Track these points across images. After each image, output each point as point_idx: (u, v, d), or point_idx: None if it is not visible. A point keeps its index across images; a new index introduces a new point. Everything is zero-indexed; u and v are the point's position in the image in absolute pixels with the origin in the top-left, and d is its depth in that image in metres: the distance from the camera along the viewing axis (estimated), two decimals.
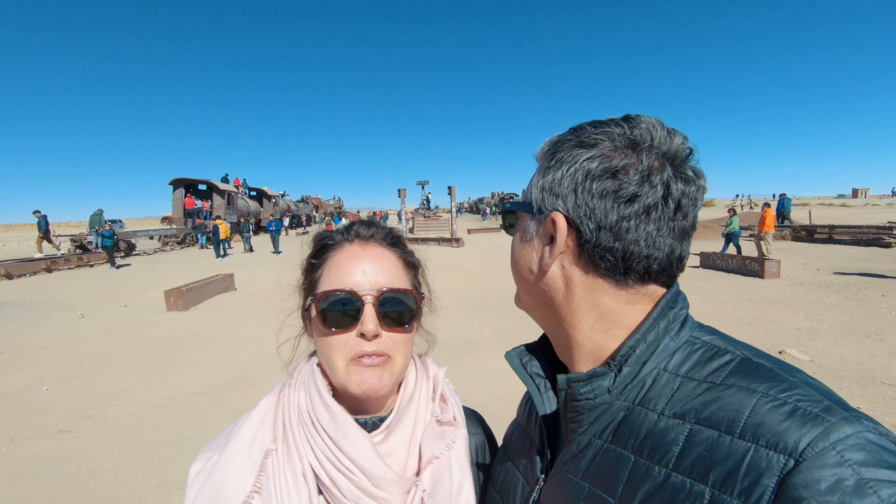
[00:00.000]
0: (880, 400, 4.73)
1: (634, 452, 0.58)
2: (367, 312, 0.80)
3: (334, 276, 0.83)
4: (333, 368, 0.80)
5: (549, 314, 0.72)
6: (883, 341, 6.54)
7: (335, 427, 0.77)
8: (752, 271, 12.08)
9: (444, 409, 0.92)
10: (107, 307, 10.84)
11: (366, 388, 0.78)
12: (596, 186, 0.64)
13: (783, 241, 20.66)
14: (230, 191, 32.27)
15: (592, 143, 0.66)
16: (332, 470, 0.76)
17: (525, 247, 0.72)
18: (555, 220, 0.66)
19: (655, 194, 0.63)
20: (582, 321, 0.68)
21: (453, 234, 25.57)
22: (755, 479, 0.47)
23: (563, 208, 0.66)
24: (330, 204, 63.71)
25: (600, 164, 0.64)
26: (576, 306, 0.68)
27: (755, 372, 0.56)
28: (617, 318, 0.66)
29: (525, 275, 0.73)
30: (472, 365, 6.07)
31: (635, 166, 0.63)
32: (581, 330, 0.68)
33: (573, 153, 0.66)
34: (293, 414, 0.82)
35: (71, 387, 5.97)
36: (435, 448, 0.83)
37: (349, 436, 0.77)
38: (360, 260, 0.84)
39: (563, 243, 0.66)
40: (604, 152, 0.64)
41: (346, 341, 0.80)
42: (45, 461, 4.17)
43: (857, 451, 0.45)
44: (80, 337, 8.34)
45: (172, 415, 5.05)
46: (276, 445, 0.79)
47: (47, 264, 17.81)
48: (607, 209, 0.63)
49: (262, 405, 0.86)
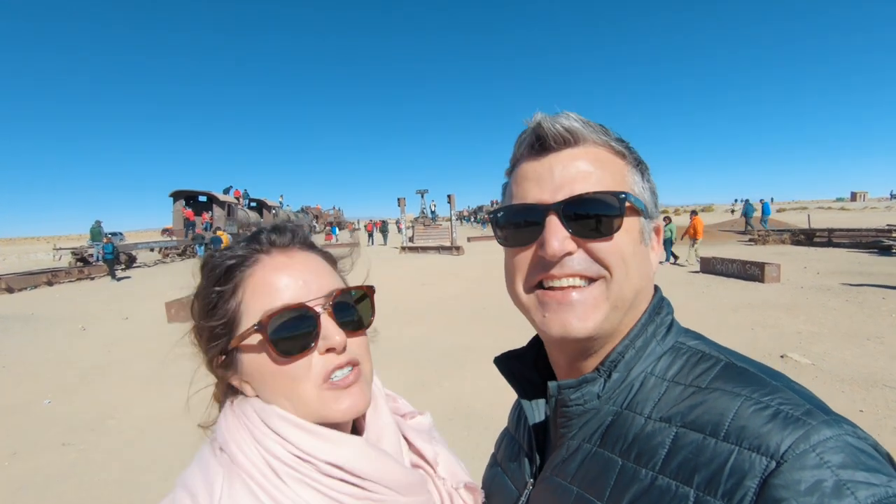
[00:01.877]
0: (882, 403, 4.72)
1: (622, 456, 0.59)
2: (325, 324, 0.68)
3: (266, 297, 0.68)
4: (301, 400, 0.67)
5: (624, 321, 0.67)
6: (884, 344, 6.53)
7: (349, 456, 0.66)
8: (752, 276, 12.07)
9: (396, 406, 0.87)
10: (108, 320, 10.85)
11: (349, 410, 0.68)
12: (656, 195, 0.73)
13: (783, 245, 20.66)
14: (230, 202, 32.39)
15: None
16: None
17: (643, 251, 0.68)
18: (660, 227, 0.73)
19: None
20: (632, 323, 0.69)
21: (453, 242, 25.58)
22: (738, 480, 0.49)
23: (656, 216, 0.72)
24: (330, 214, 63.84)
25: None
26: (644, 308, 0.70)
27: (739, 376, 0.58)
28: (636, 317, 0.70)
29: (643, 281, 0.67)
30: (474, 372, 6.06)
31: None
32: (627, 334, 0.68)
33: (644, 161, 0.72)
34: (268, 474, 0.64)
35: (73, 400, 5.97)
36: (431, 443, 0.84)
37: (371, 457, 0.68)
38: (291, 269, 0.71)
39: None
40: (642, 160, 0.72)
41: (309, 365, 0.67)
42: (47, 475, 4.17)
43: (836, 453, 0.47)
44: (81, 350, 8.34)
45: (175, 427, 5.03)
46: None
47: (48, 278, 17.84)
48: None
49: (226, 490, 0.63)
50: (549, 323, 0.64)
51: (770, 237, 21.74)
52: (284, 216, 11.28)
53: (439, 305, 10.44)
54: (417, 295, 12.14)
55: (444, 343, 7.56)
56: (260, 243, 0.73)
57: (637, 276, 0.65)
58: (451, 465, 0.83)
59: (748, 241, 22.19)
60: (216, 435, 0.71)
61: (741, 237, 23.87)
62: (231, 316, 0.70)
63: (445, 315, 9.61)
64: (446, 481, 0.80)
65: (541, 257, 0.64)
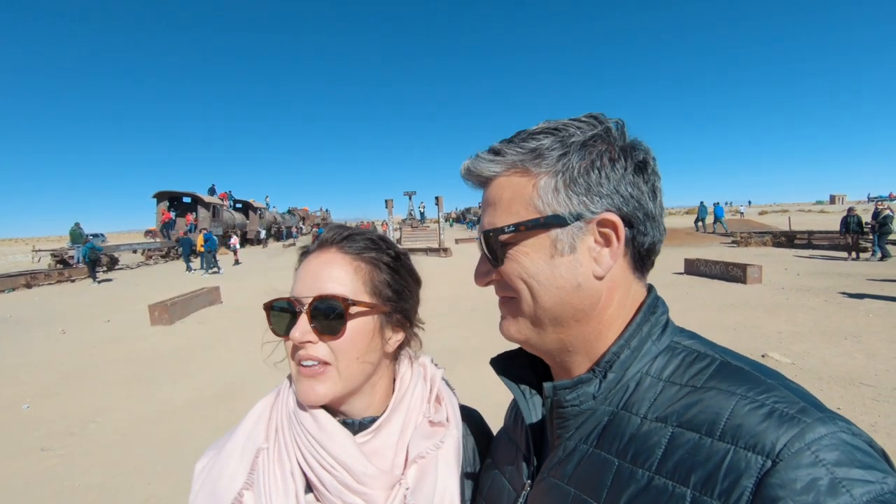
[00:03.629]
0: (859, 400, 4.84)
1: (618, 456, 0.60)
2: (300, 320, 0.81)
3: (294, 282, 0.86)
4: (292, 371, 0.84)
5: (573, 331, 0.67)
6: (861, 343, 6.70)
7: (317, 427, 0.80)
8: (734, 277, 12.28)
9: (437, 410, 0.92)
10: (89, 323, 10.63)
11: (303, 397, 0.81)
12: (634, 179, 0.65)
13: (764, 248, 21.05)
14: (215, 203, 31.96)
15: (606, 139, 0.66)
16: (317, 467, 0.78)
17: (562, 262, 0.64)
18: (612, 220, 0.63)
19: (660, 183, 0.68)
20: (611, 326, 0.67)
21: (441, 244, 25.59)
22: (734, 479, 0.49)
23: (612, 206, 0.64)
24: (317, 215, 63.37)
25: (628, 158, 0.65)
26: (612, 311, 0.67)
27: (734, 375, 0.58)
28: (627, 318, 0.68)
29: (561, 294, 0.65)
30: (462, 373, 6.07)
31: (648, 158, 0.67)
32: (606, 336, 0.67)
33: (594, 150, 0.65)
34: (284, 415, 0.84)
35: (53, 404, 5.84)
36: (422, 447, 0.84)
37: (331, 434, 0.80)
38: (308, 267, 0.85)
39: (623, 241, 0.64)
40: (622, 147, 0.66)
41: (290, 346, 0.83)
42: (25, 480, 4.07)
43: (831, 451, 0.47)
44: (61, 353, 8.16)
45: (158, 430, 4.97)
46: (267, 445, 0.82)
47: (27, 280, 17.42)
48: (647, 200, 0.66)
49: (258, 407, 0.89)
50: (500, 326, 0.74)
51: (752, 239, 22.15)
52: (270, 217, 11.16)
53: (427, 307, 10.41)
54: None
55: (433, 345, 7.52)
56: (317, 239, 0.90)
57: (545, 293, 0.65)
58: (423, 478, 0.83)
59: (731, 243, 22.58)
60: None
61: (724, 239, 24.30)
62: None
63: (434, 317, 9.56)
64: (409, 490, 0.81)
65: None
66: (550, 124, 0.67)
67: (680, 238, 23.75)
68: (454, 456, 0.87)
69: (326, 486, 0.77)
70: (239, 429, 0.86)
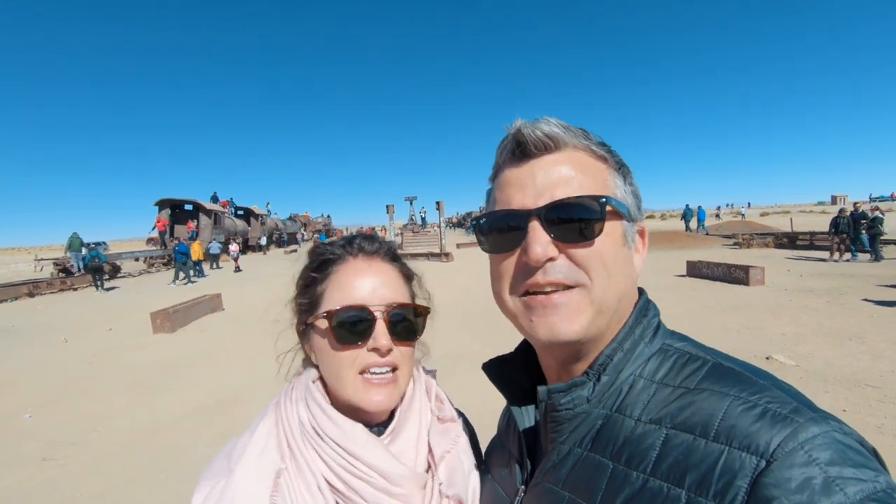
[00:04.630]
0: (864, 402, 4.80)
1: (613, 459, 0.59)
2: (378, 328, 0.82)
3: (343, 292, 0.84)
4: (342, 383, 0.82)
5: (611, 325, 0.67)
6: (865, 344, 6.66)
7: (344, 436, 0.79)
8: (737, 279, 12.24)
9: (441, 408, 0.95)
10: (91, 331, 10.62)
11: (375, 406, 0.81)
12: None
13: (766, 249, 21.01)
14: (217, 210, 32.03)
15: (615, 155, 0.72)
16: (349, 477, 0.77)
17: (628, 254, 0.68)
18: (645, 230, 0.73)
19: None
20: (620, 326, 0.69)
21: (442, 248, 25.58)
22: (729, 480, 0.49)
23: (641, 217, 0.72)
24: (318, 221, 63.48)
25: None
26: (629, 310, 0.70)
27: (727, 376, 0.58)
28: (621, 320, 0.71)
29: (628, 284, 0.68)
30: (464, 378, 6.04)
31: None
32: (615, 337, 0.68)
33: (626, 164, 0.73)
34: (296, 430, 0.82)
35: (54, 413, 5.83)
36: (444, 444, 0.88)
37: (360, 442, 0.79)
38: (367, 275, 0.85)
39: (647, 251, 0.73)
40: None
41: (356, 356, 0.81)
42: (26, 490, 4.06)
43: (824, 450, 0.47)
44: (63, 362, 8.15)
45: (159, 439, 4.95)
46: (285, 464, 0.79)
47: (29, 289, 17.45)
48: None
49: (263, 426, 0.84)
50: (537, 327, 0.64)
51: (754, 241, 22.10)
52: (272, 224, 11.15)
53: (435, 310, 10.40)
54: None
55: (435, 349, 7.53)
56: (352, 246, 0.89)
57: (620, 280, 0.65)
58: (454, 471, 0.87)
59: (733, 245, 22.53)
60: (283, 391, 0.90)
61: (726, 241, 24.25)
62: (315, 298, 0.86)
63: (435, 321, 9.56)
64: (443, 484, 0.85)
65: (525, 263, 0.64)
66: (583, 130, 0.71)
67: (681, 240, 23.72)
68: (469, 447, 0.94)
69: (362, 494, 0.77)
70: (248, 451, 0.80)
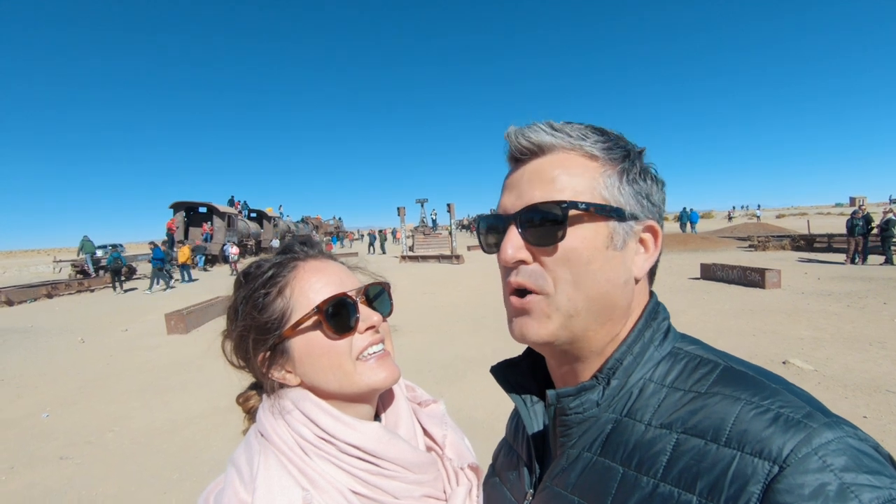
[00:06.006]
0: (886, 408, 4.69)
1: (623, 464, 0.59)
2: (363, 308, 0.83)
3: (315, 289, 0.82)
4: (344, 373, 0.80)
5: (601, 330, 0.66)
6: (886, 349, 6.51)
7: (364, 438, 0.78)
8: (752, 282, 12.05)
9: (414, 395, 1.01)
10: (107, 332, 10.81)
11: (387, 379, 0.82)
12: (664, 196, 0.71)
13: (783, 251, 20.67)
14: (230, 213, 32.42)
15: (639, 154, 0.69)
16: (376, 479, 0.77)
17: (615, 256, 0.64)
18: (655, 227, 0.68)
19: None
20: (625, 329, 0.68)
21: (453, 251, 25.59)
22: (741, 486, 0.48)
23: (652, 215, 0.68)
24: (329, 224, 63.91)
25: (658, 176, 0.71)
26: (633, 314, 0.68)
27: (738, 380, 0.57)
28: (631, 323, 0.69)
29: (608, 288, 0.64)
30: (475, 382, 6.03)
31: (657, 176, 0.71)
32: (618, 339, 0.67)
33: (640, 158, 0.69)
34: (299, 451, 0.77)
35: (71, 413, 5.93)
36: (439, 424, 0.95)
37: (384, 440, 0.79)
38: (328, 270, 0.86)
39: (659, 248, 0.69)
40: (646, 164, 0.69)
41: (350, 343, 0.81)
42: (44, 489, 4.13)
43: (838, 455, 0.46)
44: (80, 362, 8.31)
45: (174, 439, 5.00)
46: (307, 490, 0.74)
47: (48, 290, 17.82)
48: (662, 215, 0.70)
49: (263, 462, 0.76)
50: (512, 327, 0.68)
51: (770, 243, 21.76)
52: (284, 226, 11.24)
53: (440, 314, 10.42)
54: (418, 304, 12.11)
55: (445, 353, 7.54)
56: (295, 252, 0.88)
57: (594, 285, 0.63)
58: (458, 447, 0.93)
59: (748, 247, 22.22)
60: (257, 423, 0.84)
61: (741, 243, 23.92)
62: (281, 311, 0.81)
63: (446, 324, 9.59)
64: (453, 461, 0.90)
65: (504, 264, 0.67)
66: (595, 127, 0.69)
67: (695, 243, 23.43)
68: (455, 424, 1.00)
69: (393, 493, 0.77)
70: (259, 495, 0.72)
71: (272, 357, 0.83)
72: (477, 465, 0.93)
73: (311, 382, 0.82)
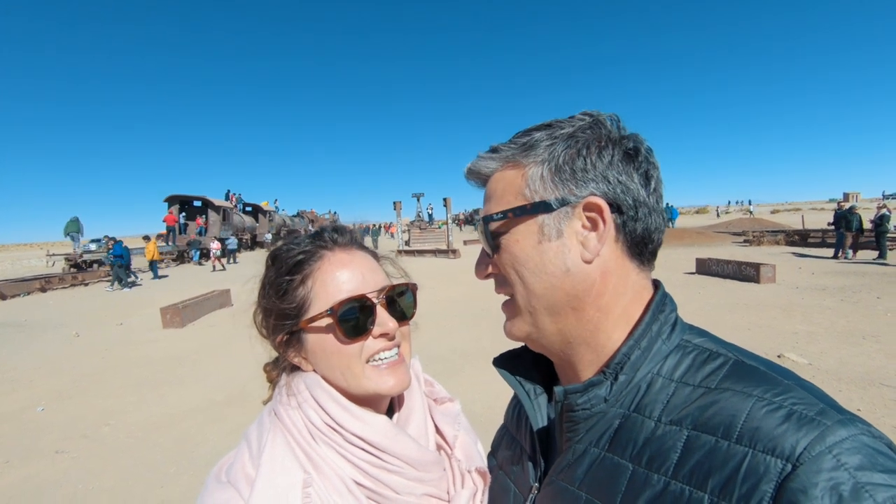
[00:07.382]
0: (880, 402, 4.74)
1: (633, 461, 0.58)
2: (381, 313, 0.82)
3: (335, 286, 0.81)
4: (352, 375, 0.80)
5: (571, 321, 0.67)
6: (880, 343, 6.57)
7: (370, 430, 0.78)
8: (747, 276, 12.13)
9: (432, 391, 0.99)
10: (102, 326, 10.75)
11: (395, 386, 0.81)
12: (624, 166, 0.66)
13: (777, 247, 20.79)
14: (225, 206, 32.24)
15: (595, 131, 0.67)
16: (378, 473, 0.76)
17: (550, 248, 0.65)
18: (597, 204, 0.64)
19: (657, 172, 0.68)
20: (609, 315, 0.66)
21: (450, 245, 25.58)
22: (753, 484, 0.47)
23: (598, 191, 0.64)
24: (325, 218, 63.72)
25: (616, 147, 0.66)
26: (608, 298, 0.66)
27: (749, 375, 0.57)
28: (631, 312, 0.67)
29: (552, 280, 0.65)
30: (472, 376, 6.05)
31: (639, 147, 0.67)
32: (604, 328, 0.66)
33: (581, 139, 0.66)
34: (307, 435, 0.77)
35: (66, 407, 5.90)
36: (452, 424, 0.93)
37: (390, 434, 0.79)
38: (353, 265, 0.84)
39: (610, 225, 0.64)
40: (611, 137, 0.67)
41: (361, 346, 0.80)
42: (40, 483, 4.11)
43: (853, 454, 0.46)
44: (75, 356, 8.26)
45: (170, 433, 4.99)
46: (309, 474, 0.75)
47: (42, 284, 17.68)
48: (638, 186, 0.66)
49: (270, 439, 0.78)
50: (504, 327, 0.75)
51: (765, 238, 21.87)
52: (279, 221, 11.19)
53: (436, 309, 10.42)
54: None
55: (442, 346, 7.54)
56: (324, 241, 0.86)
57: (539, 279, 0.66)
58: (468, 448, 0.92)
59: (743, 242, 22.35)
60: (272, 401, 0.86)
61: (736, 238, 24.04)
62: (301, 301, 0.82)
63: (443, 318, 9.58)
64: (461, 462, 0.89)
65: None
66: (546, 122, 0.70)
67: (691, 237, 23.54)
68: (469, 425, 0.99)
69: (394, 488, 0.77)
70: (263, 472, 0.74)
71: (289, 341, 0.85)
72: (485, 469, 0.90)
73: (321, 374, 0.83)
